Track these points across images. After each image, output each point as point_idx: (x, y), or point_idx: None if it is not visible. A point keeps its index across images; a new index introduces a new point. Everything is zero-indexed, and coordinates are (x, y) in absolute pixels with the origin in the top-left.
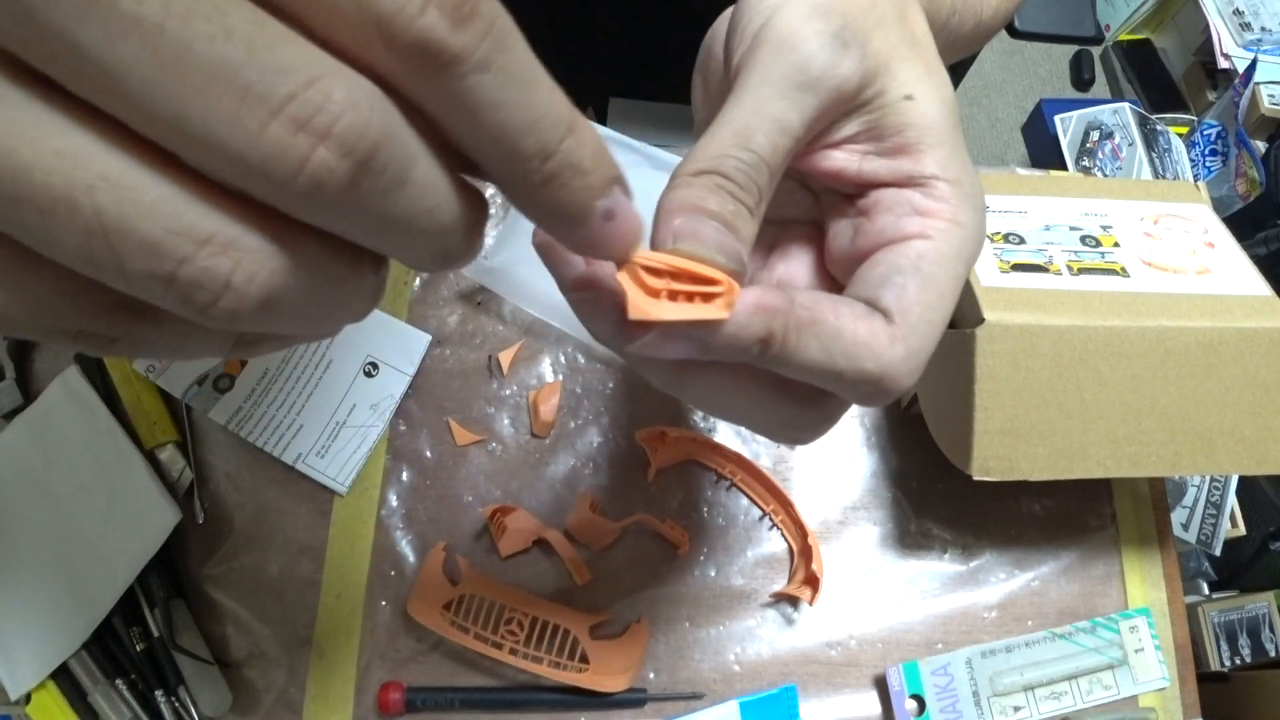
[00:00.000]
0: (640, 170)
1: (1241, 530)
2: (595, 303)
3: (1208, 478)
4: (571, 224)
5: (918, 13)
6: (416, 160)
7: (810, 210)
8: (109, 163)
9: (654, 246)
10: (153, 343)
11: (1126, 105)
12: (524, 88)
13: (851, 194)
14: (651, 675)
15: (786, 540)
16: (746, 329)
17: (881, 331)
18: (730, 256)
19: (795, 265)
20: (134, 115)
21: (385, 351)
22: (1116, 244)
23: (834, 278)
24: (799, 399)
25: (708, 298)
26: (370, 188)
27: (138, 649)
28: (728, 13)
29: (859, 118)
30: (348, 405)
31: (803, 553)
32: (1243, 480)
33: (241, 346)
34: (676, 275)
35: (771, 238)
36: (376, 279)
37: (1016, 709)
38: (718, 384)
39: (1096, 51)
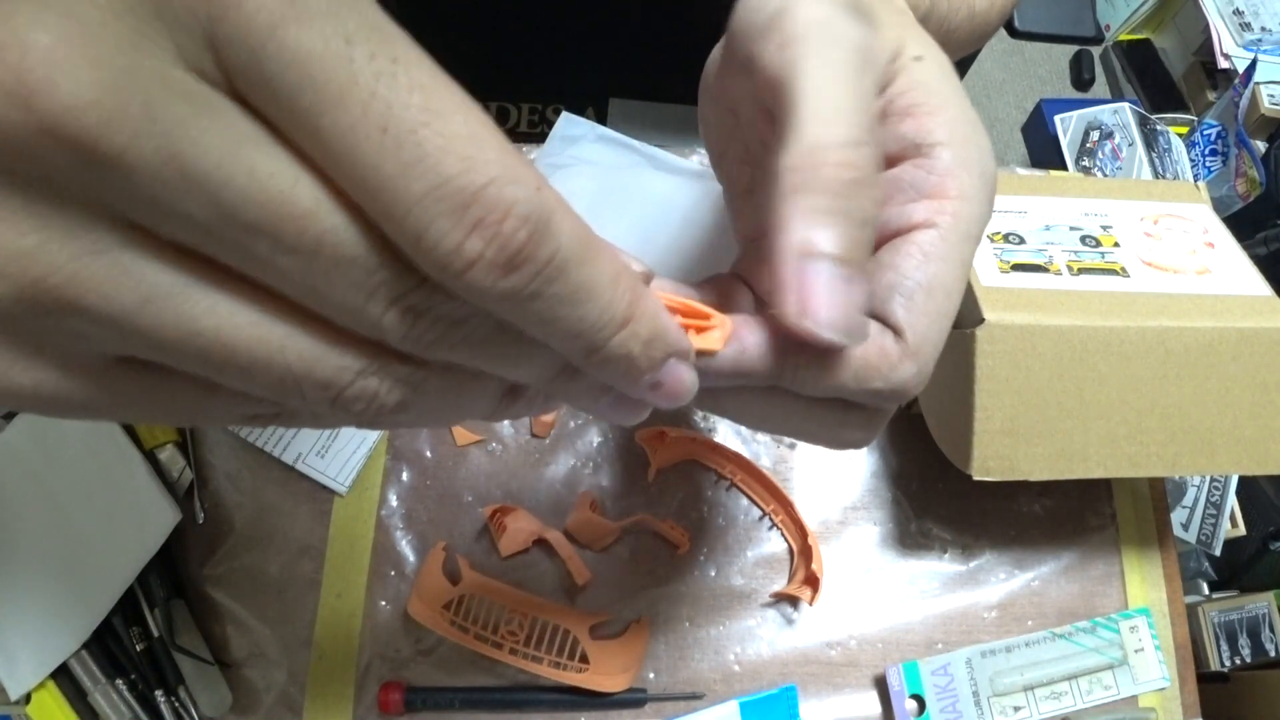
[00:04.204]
0: (640, 170)
1: (1241, 530)
2: None
3: (1208, 478)
4: (616, 383)
5: None
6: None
7: None
8: (285, 330)
9: (776, 302)
10: (303, 418)
11: (1126, 105)
12: (573, 305)
13: None
14: (651, 675)
15: (786, 540)
16: (760, 364)
17: (892, 350)
18: (856, 327)
19: None
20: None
21: None
22: (1116, 244)
23: None
24: (836, 406)
25: (700, 330)
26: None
27: (138, 649)
28: (718, 48)
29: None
30: None
31: (803, 553)
32: (1243, 480)
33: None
34: (671, 310)
35: None
36: (491, 386)
37: (1016, 709)
38: (750, 399)
39: (1096, 51)
